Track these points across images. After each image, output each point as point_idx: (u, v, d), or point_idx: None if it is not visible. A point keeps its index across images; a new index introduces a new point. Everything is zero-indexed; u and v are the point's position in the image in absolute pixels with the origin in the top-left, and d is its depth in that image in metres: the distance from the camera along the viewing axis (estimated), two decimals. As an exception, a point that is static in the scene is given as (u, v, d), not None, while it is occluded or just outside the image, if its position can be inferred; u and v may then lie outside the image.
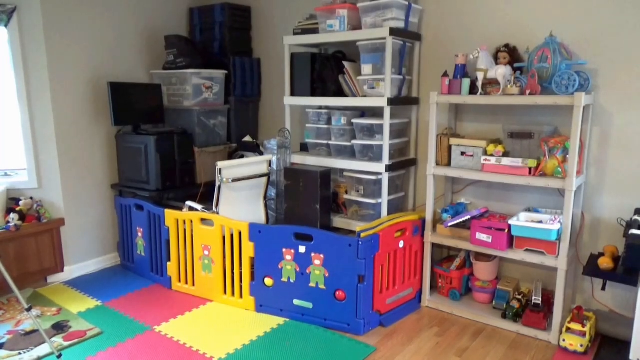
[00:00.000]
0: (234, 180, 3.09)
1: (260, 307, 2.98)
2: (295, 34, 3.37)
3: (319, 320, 2.81)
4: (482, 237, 2.74)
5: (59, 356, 2.46)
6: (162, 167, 3.47)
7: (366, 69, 3.09)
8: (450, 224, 2.90)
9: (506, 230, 2.67)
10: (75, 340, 2.65)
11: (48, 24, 3.28)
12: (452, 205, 3.06)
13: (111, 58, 3.69)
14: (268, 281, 2.92)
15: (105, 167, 3.74)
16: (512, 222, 2.65)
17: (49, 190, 3.47)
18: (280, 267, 2.86)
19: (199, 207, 3.13)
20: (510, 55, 2.71)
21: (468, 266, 3.08)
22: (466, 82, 2.78)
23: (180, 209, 3.27)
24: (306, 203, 3.19)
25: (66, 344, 2.61)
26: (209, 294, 3.17)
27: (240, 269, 3.01)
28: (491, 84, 2.73)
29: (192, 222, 3.14)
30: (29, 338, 2.67)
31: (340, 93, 3.32)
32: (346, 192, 3.32)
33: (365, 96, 3.14)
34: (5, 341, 2.64)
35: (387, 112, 2.94)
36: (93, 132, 3.63)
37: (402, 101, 3.11)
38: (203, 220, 3.12)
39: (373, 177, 3.12)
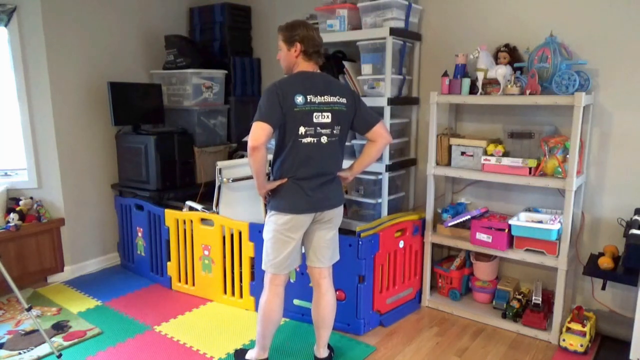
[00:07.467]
0: (234, 180, 3.08)
1: (260, 307, 2.98)
2: (295, 33, 3.36)
3: (319, 320, 2.81)
4: (482, 237, 2.74)
5: (59, 356, 2.46)
6: (162, 167, 3.47)
7: (366, 68, 3.08)
8: (450, 224, 2.90)
9: (506, 230, 2.67)
10: (75, 340, 2.64)
11: (48, 24, 3.28)
12: (452, 205, 3.06)
13: (111, 58, 3.69)
14: (268, 281, 2.92)
15: (105, 167, 3.74)
16: (512, 222, 2.65)
17: (49, 190, 3.47)
18: (280, 267, 2.85)
19: (199, 207, 3.13)
20: (510, 55, 2.71)
21: (468, 266, 3.08)
22: (466, 82, 2.78)
23: (180, 208, 3.26)
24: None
25: (66, 343, 2.61)
26: (209, 294, 3.17)
27: (240, 269, 3.01)
28: (491, 84, 2.73)
29: (192, 222, 3.14)
30: (29, 338, 2.67)
31: (340, 93, 3.32)
32: (346, 192, 3.32)
33: (365, 96, 3.14)
34: (5, 341, 2.64)
35: (387, 112, 2.94)
36: (93, 132, 3.63)
37: (402, 101, 3.11)
38: (203, 220, 3.12)
39: (373, 177, 3.12)
